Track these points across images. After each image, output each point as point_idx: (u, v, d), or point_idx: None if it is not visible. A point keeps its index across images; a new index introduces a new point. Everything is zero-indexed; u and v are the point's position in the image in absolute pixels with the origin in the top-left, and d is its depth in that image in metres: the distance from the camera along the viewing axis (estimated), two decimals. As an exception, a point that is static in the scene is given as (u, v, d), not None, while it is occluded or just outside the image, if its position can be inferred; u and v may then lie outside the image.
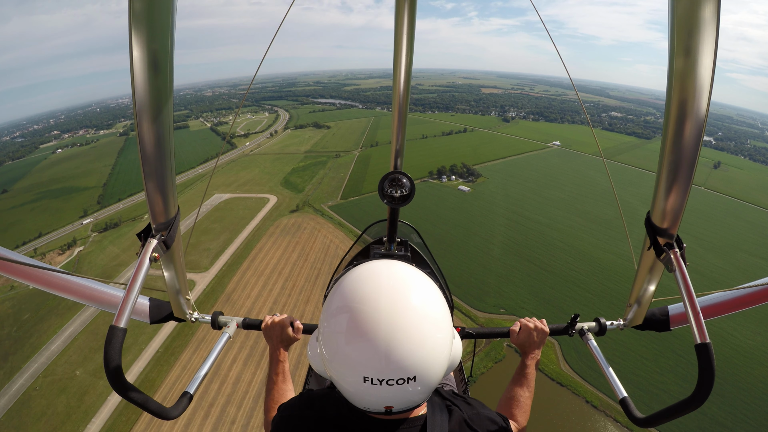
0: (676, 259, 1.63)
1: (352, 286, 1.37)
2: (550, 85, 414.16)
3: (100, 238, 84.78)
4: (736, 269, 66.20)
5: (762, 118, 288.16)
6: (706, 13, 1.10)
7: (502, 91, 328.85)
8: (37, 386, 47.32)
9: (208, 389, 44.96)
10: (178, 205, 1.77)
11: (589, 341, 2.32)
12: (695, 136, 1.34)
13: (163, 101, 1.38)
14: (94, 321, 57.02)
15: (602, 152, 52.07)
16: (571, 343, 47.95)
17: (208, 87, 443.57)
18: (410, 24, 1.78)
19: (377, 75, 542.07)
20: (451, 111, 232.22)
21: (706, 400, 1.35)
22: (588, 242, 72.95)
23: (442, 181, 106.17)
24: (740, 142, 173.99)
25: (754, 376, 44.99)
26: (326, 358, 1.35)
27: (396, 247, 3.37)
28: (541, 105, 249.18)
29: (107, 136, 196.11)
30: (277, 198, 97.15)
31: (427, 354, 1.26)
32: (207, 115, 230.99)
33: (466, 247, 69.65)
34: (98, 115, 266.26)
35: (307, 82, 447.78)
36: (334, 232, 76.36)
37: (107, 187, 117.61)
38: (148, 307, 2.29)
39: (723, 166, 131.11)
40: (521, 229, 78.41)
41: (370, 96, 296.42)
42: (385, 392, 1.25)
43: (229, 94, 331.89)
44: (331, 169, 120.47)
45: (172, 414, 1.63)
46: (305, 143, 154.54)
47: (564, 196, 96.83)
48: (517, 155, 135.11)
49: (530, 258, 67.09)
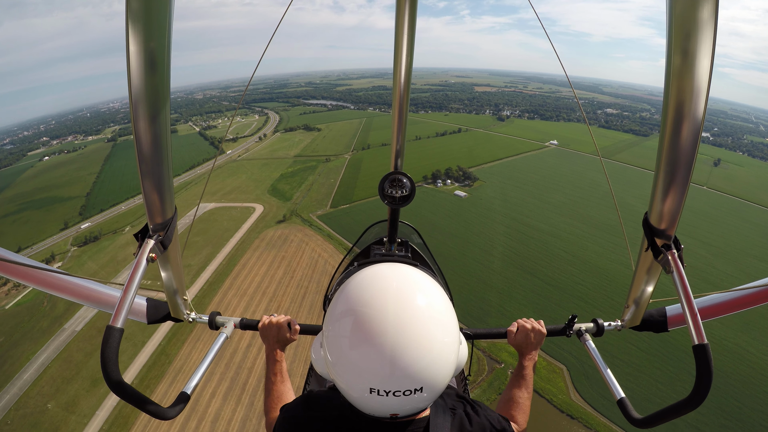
0: (674, 261, 1.63)
1: (358, 290, 1.36)
2: (543, 82, 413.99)
3: (80, 253, 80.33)
4: (747, 276, 62.28)
5: (756, 112, 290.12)
6: (704, 14, 1.10)
7: (496, 89, 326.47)
8: (9, 420, 44.92)
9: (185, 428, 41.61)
10: (175, 205, 1.77)
11: (586, 342, 2.31)
12: (692, 137, 1.34)
13: (160, 100, 1.38)
14: (67, 348, 53.79)
15: (600, 151, 49.09)
16: (581, 369, 44.22)
17: (199, 89, 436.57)
18: (411, 24, 1.76)
19: (370, 75, 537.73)
20: (445, 110, 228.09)
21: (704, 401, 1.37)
22: (593, 251, 68.86)
23: (437, 186, 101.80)
24: (737, 138, 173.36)
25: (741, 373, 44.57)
26: (331, 363, 1.34)
27: (396, 247, 3.39)
28: (535, 103, 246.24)
29: (95, 142, 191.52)
30: (263, 207, 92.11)
31: (434, 363, 1.25)
32: (196, 119, 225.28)
33: (465, 260, 65.17)
34: (88, 121, 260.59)
35: (298, 83, 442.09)
36: (322, 245, 71.53)
37: (90, 197, 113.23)
38: (145, 307, 2.28)
39: (723, 163, 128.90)
40: (522, 237, 74.11)
41: (362, 96, 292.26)
42: (390, 402, 1.24)
43: (220, 97, 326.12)
44: (321, 174, 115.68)
45: (169, 414, 1.63)
46: (295, 147, 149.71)
47: (565, 199, 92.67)
48: (514, 156, 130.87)
49: (533, 271, 62.86)
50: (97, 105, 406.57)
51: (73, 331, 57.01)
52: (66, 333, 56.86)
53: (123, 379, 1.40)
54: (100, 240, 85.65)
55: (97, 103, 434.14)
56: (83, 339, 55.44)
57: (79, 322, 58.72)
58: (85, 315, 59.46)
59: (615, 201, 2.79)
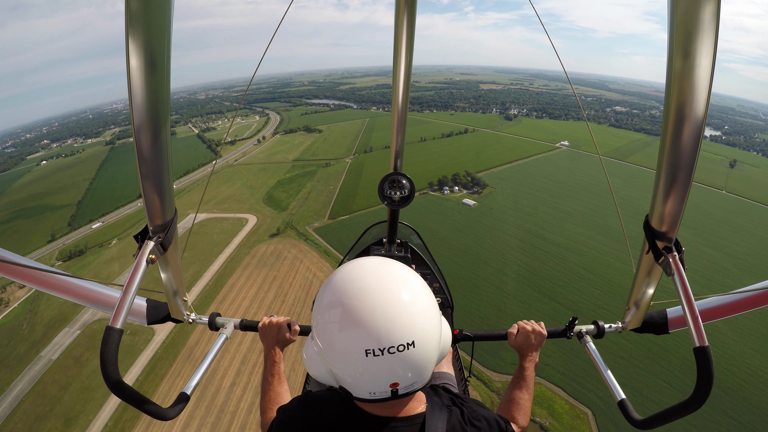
0: (675, 263, 1.63)
1: (339, 281, 1.40)
2: (549, 79, 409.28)
3: (63, 268, 74.60)
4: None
5: (763, 109, 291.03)
6: (705, 14, 1.11)
7: (502, 86, 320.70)
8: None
9: None
10: (175, 207, 1.78)
11: (587, 344, 2.30)
12: (694, 139, 1.34)
13: (160, 101, 1.38)
14: (42, 380, 49.67)
15: (613, 152, 44.76)
16: (608, 414, 38.25)
17: (202, 89, 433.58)
18: (410, 23, 1.76)
19: (374, 73, 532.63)
20: (450, 109, 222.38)
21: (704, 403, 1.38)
22: (615, 268, 62.35)
23: (444, 194, 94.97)
24: (749, 136, 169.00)
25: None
26: (323, 350, 1.37)
27: (396, 248, 3.44)
28: (543, 101, 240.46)
29: (94, 145, 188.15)
30: (257, 218, 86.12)
31: (421, 315, 1.32)
32: (196, 120, 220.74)
33: (476, 282, 58.70)
34: (89, 123, 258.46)
35: (302, 82, 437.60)
36: (318, 264, 65.50)
37: (81, 205, 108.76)
38: (145, 308, 2.30)
39: (739, 164, 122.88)
40: (537, 253, 67.64)
41: (366, 95, 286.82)
42: (387, 365, 1.26)
43: (222, 97, 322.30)
44: (320, 180, 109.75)
45: (169, 415, 1.64)
46: (294, 150, 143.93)
47: (581, 208, 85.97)
48: (525, 159, 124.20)
49: (551, 293, 56.46)
50: (100, 106, 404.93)
51: (50, 360, 52.87)
52: (42, 362, 52.87)
53: (122, 379, 1.41)
54: (85, 254, 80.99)
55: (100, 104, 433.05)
56: (59, 369, 51.16)
57: (56, 349, 54.43)
58: (63, 342, 55.29)
59: (615, 201, 2.85)
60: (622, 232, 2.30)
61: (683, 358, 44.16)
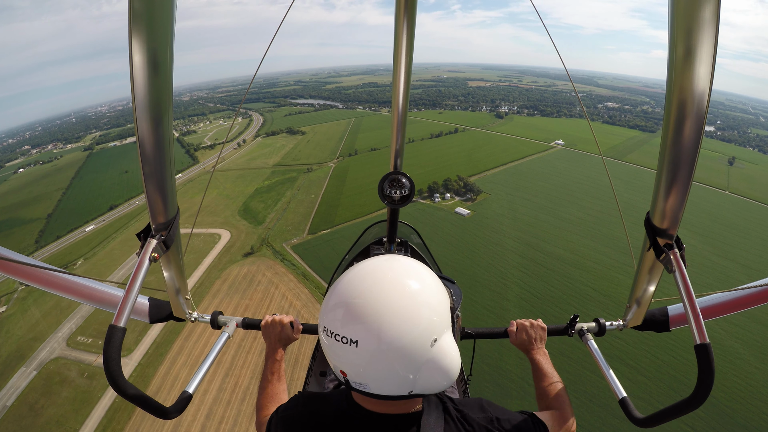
0: (676, 260, 1.63)
1: (347, 282, 1.36)
2: (537, 75, 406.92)
3: (25, 294, 66.42)
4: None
5: (752, 103, 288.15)
6: (705, 13, 1.11)
7: (490, 83, 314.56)
8: None
9: None
10: (177, 205, 1.79)
11: (588, 342, 2.31)
12: (695, 136, 1.34)
13: (163, 101, 1.39)
14: (11, 410, 43.98)
15: (610, 151, 39.34)
16: None
17: (187, 91, 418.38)
18: (410, 23, 1.75)
19: (360, 71, 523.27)
20: (439, 108, 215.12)
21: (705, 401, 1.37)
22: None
23: (434, 202, 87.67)
24: (742, 131, 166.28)
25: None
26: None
27: (396, 247, 3.43)
28: (533, 98, 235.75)
29: (72, 151, 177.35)
30: (230, 234, 78.01)
31: (427, 292, 1.29)
32: (178, 123, 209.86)
33: (474, 309, 51.43)
34: (72, 127, 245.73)
35: (288, 81, 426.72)
36: (294, 290, 57.88)
37: (51, 219, 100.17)
38: (147, 306, 2.29)
39: (737, 162, 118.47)
40: (539, 270, 60.87)
41: (352, 94, 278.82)
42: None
43: (206, 98, 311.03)
44: (301, 188, 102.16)
45: (171, 413, 1.64)
46: (275, 154, 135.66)
47: (583, 214, 79.61)
48: (519, 160, 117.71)
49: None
50: (85, 109, 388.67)
51: (4, 407, 45.11)
52: (23, 377, 47.78)
53: (125, 377, 1.41)
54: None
55: (85, 107, 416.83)
56: (12, 419, 43.51)
57: (10, 393, 46.65)
58: (18, 384, 47.76)
59: (617, 200, 2.79)
60: (628, 245, 2.28)
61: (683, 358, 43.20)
